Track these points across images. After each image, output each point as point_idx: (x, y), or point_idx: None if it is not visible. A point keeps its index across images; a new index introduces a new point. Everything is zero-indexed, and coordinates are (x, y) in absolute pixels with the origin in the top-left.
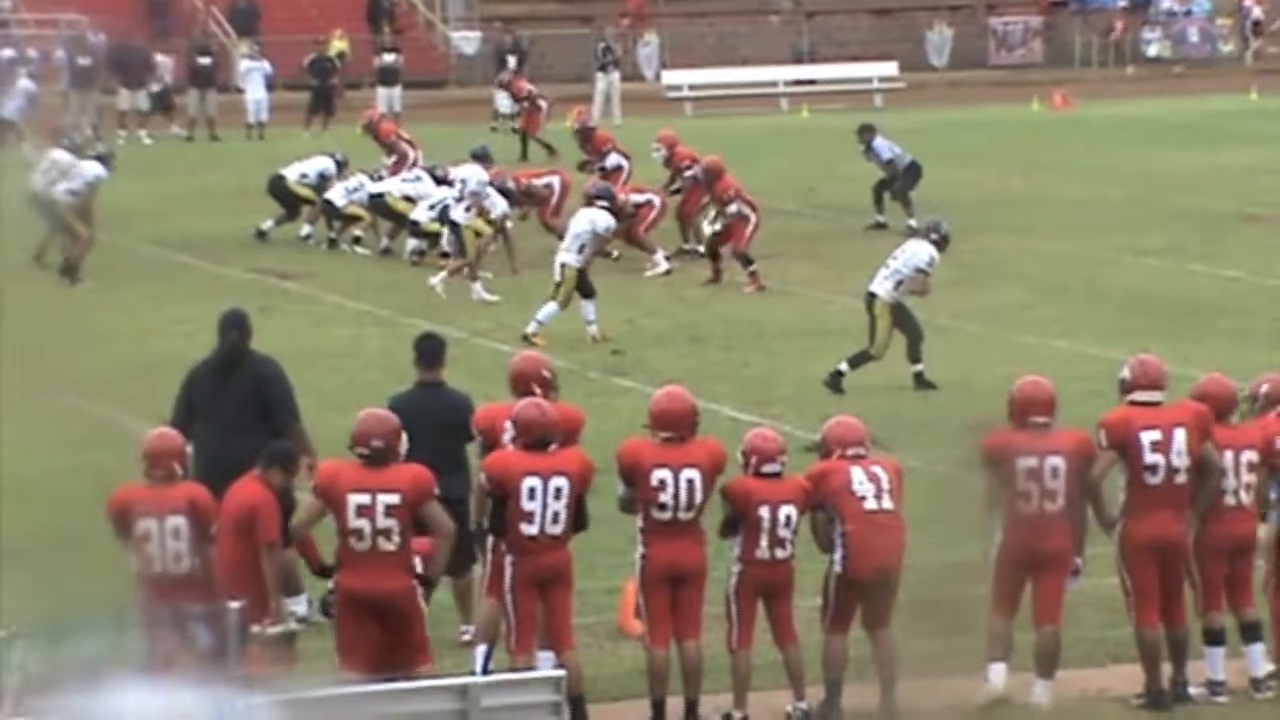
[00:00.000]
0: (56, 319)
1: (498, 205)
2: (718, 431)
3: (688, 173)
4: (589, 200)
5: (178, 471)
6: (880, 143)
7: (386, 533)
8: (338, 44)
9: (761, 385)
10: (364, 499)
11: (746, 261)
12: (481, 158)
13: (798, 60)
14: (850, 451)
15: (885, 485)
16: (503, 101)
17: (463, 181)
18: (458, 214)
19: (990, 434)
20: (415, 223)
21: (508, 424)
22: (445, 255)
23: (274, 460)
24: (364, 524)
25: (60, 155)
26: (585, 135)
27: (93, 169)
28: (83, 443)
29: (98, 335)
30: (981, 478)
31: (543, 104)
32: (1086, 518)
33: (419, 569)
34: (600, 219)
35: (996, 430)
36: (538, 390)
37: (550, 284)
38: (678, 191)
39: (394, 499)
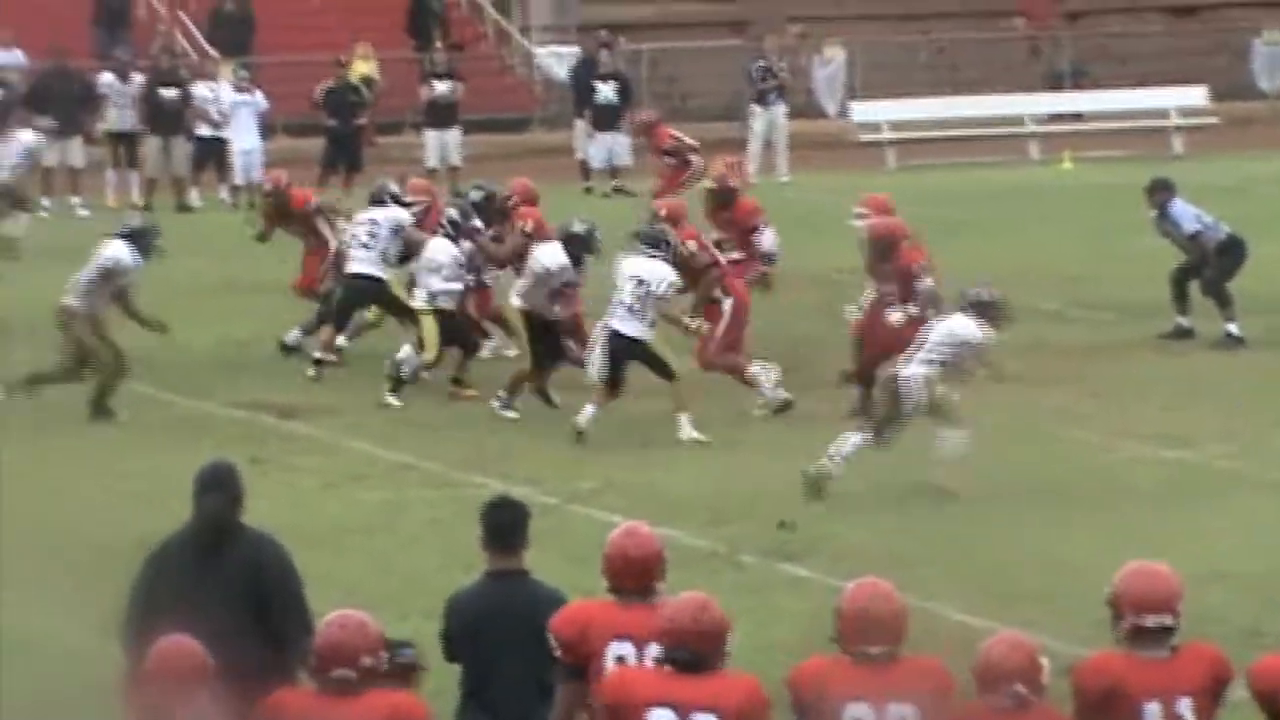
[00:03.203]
0: None
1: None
2: (939, 644)
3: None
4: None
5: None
6: (1181, 208)
7: None
8: (363, 66)
9: (1003, 574)
10: None
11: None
12: (575, 240)
13: (1056, 85)
14: (1151, 621)
15: None
16: (595, 151)
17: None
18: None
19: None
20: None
21: (613, 641)
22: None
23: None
24: None
25: None
26: (723, 200)
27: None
28: None
29: (6, 501)
30: None
31: (695, 160)
32: None
33: None
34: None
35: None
36: (628, 585)
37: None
38: None
39: None
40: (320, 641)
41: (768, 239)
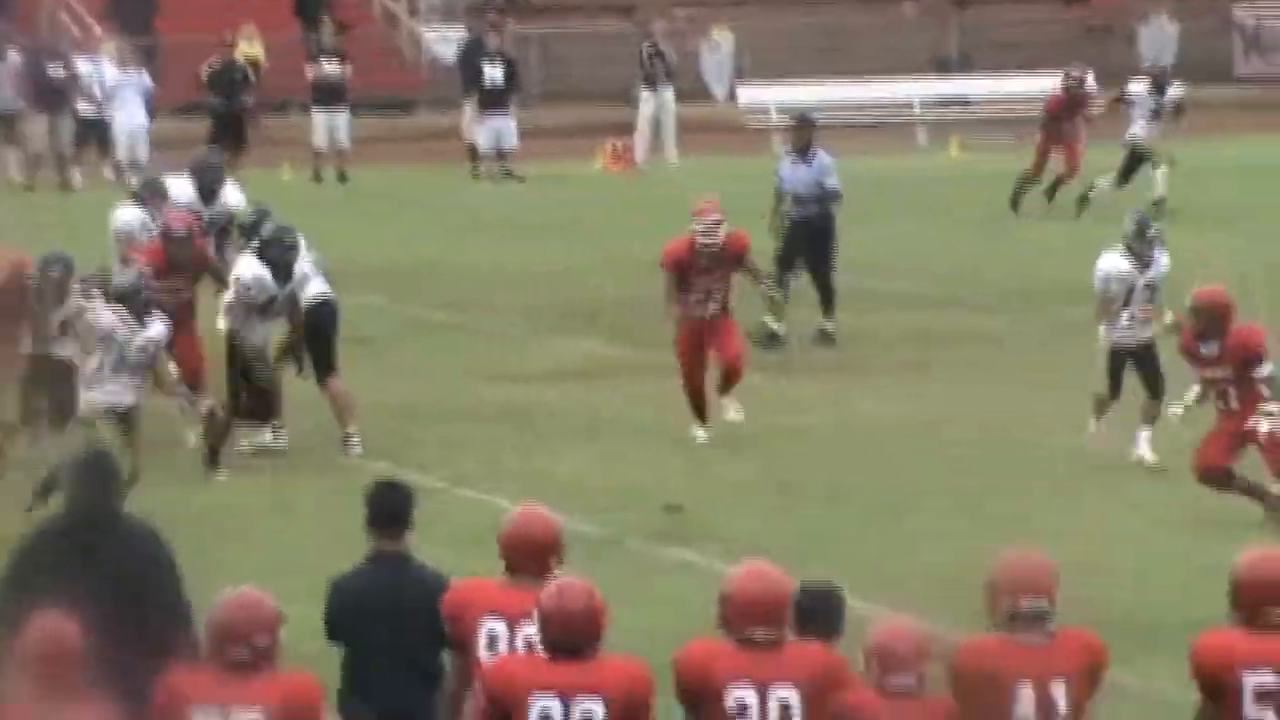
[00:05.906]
0: None
1: None
2: None
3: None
4: None
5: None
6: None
7: None
8: (248, 48)
9: (895, 559)
10: None
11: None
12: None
13: (943, 70)
14: (1027, 605)
15: None
16: (482, 134)
17: None
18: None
19: (1206, 635)
20: None
21: (486, 617)
22: None
23: None
24: None
25: None
26: None
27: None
28: None
29: None
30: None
31: None
32: None
33: None
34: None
35: (1215, 631)
36: (529, 567)
37: None
38: None
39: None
40: (215, 620)
41: None
